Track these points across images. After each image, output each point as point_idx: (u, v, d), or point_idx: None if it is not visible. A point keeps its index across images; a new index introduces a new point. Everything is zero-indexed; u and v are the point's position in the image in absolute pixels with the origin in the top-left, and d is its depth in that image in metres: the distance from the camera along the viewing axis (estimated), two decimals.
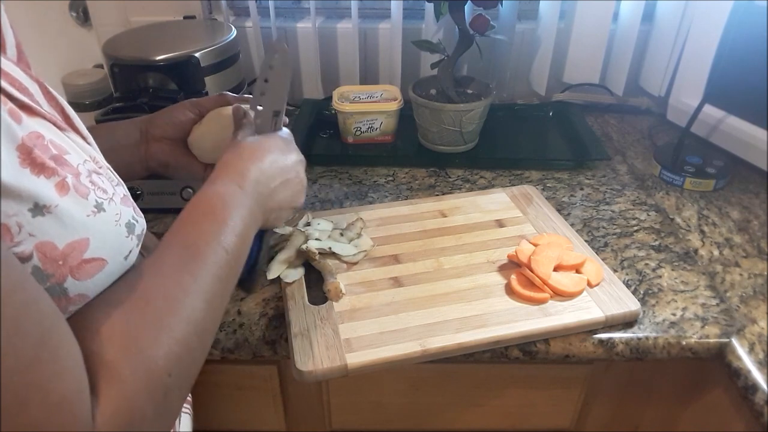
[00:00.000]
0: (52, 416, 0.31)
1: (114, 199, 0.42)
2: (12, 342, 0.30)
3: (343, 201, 0.89)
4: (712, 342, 0.64)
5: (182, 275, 0.43)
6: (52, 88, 0.43)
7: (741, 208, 0.87)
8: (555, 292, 0.67)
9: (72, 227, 0.38)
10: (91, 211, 0.39)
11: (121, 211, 0.42)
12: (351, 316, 0.65)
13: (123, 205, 0.43)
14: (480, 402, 0.76)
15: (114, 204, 0.42)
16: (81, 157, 0.41)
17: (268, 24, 1.12)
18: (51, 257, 0.36)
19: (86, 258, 0.38)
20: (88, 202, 0.39)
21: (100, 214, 0.40)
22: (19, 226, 0.34)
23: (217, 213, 0.48)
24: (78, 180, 0.39)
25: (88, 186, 0.40)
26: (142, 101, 0.80)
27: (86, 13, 1.14)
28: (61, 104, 0.44)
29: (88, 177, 0.40)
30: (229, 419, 0.78)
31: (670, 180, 0.93)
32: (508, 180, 0.94)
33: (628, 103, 1.16)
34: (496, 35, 0.98)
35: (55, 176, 0.37)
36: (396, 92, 1.02)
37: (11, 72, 0.39)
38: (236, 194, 0.50)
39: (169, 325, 0.40)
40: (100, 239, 0.39)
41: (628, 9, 1.09)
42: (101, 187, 0.41)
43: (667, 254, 0.77)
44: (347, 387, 0.74)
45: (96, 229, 0.39)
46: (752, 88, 0.88)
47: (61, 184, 0.38)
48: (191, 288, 0.42)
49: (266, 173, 0.54)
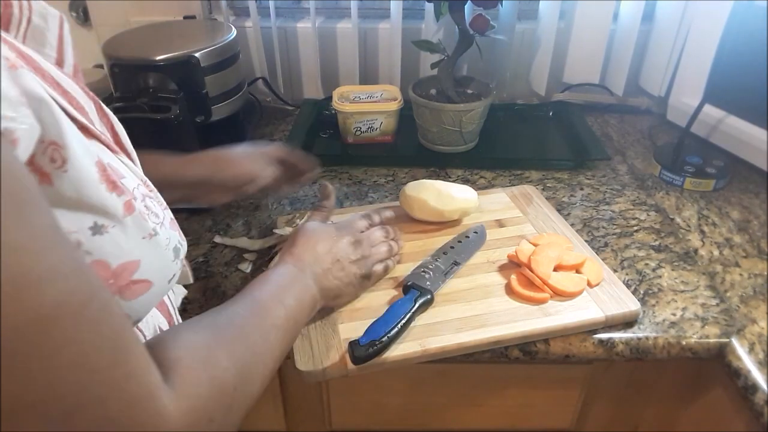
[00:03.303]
0: (129, 412, 0.33)
1: (164, 223, 0.43)
2: (94, 344, 0.31)
3: (343, 201, 0.89)
4: (712, 342, 0.64)
5: (250, 317, 0.49)
6: (106, 107, 0.44)
7: (741, 208, 0.87)
8: (555, 292, 0.66)
9: (128, 248, 0.39)
10: (148, 234, 0.41)
11: (170, 236, 0.44)
12: (351, 316, 0.65)
13: (171, 229, 0.44)
14: (480, 402, 0.76)
15: (164, 228, 0.43)
16: (135, 181, 0.42)
17: (268, 24, 1.12)
18: (103, 276, 0.37)
19: (134, 279, 0.40)
20: (147, 224, 0.40)
21: (155, 238, 0.41)
22: (78, 243, 0.36)
23: (279, 282, 0.56)
24: (136, 202, 0.40)
25: (144, 210, 0.41)
26: (142, 101, 0.80)
27: (86, 13, 1.14)
28: (112, 122, 0.44)
29: (142, 201, 0.41)
30: None
31: (670, 180, 0.93)
32: (508, 180, 0.94)
33: (628, 103, 1.16)
34: (496, 35, 0.98)
35: (124, 195, 0.39)
36: (396, 92, 1.02)
37: (70, 89, 0.39)
38: (294, 272, 0.59)
39: (238, 351, 0.44)
40: (150, 262, 0.41)
41: (628, 9, 1.09)
42: (153, 211, 0.42)
43: (667, 254, 0.77)
44: (347, 387, 0.74)
45: (147, 252, 0.41)
46: (752, 88, 0.88)
47: (128, 204, 0.39)
48: (256, 327, 0.49)
49: (319, 257, 0.62)
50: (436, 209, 0.76)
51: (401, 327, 0.60)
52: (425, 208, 0.77)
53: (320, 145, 1.03)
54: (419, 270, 0.69)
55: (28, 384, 0.29)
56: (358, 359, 0.57)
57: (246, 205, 0.88)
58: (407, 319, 0.61)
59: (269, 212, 0.87)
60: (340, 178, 0.95)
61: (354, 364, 0.58)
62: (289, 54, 1.17)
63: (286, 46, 1.16)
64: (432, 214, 0.77)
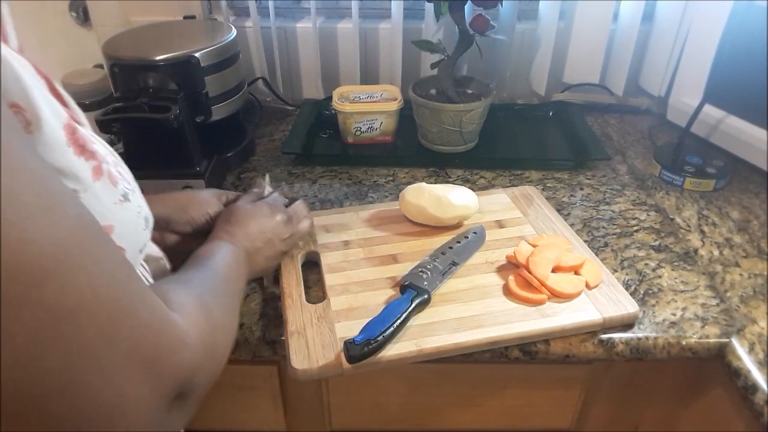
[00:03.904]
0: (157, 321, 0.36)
1: (136, 191, 0.44)
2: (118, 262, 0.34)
3: (343, 201, 0.89)
4: (712, 342, 0.64)
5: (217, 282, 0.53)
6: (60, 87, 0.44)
7: (741, 208, 0.87)
8: (553, 294, 0.66)
9: (100, 212, 0.39)
10: (119, 199, 0.41)
11: (141, 204, 0.44)
12: (348, 315, 0.65)
13: (141, 199, 0.45)
14: (480, 402, 0.76)
15: (136, 196, 0.44)
16: (106, 149, 0.42)
17: (268, 24, 1.12)
18: None
19: None
20: (117, 189, 0.41)
21: (126, 204, 0.42)
22: None
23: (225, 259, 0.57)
24: (108, 167, 0.40)
25: (116, 175, 0.41)
26: (142, 101, 0.80)
27: (86, 13, 1.14)
28: (67, 103, 0.44)
29: (115, 168, 0.42)
30: (229, 419, 0.78)
31: (670, 180, 0.93)
32: (508, 180, 0.94)
33: (628, 103, 1.16)
34: (496, 35, 0.98)
35: (93, 160, 0.39)
36: (396, 92, 1.02)
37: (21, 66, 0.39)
38: (231, 248, 0.60)
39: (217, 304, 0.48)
40: (123, 227, 0.41)
41: (628, 9, 1.08)
42: (126, 178, 0.43)
43: (667, 254, 0.77)
44: (347, 387, 0.74)
45: (120, 218, 0.41)
46: (752, 88, 0.88)
47: (97, 169, 0.39)
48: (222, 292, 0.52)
49: (251, 236, 0.63)
50: (435, 216, 0.77)
51: (397, 326, 0.60)
52: (424, 214, 0.77)
53: (320, 145, 1.03)
54: (417, 270, 0.69)
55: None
56: (353, 358, 0.57)
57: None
58: (403, 318, 0.61)
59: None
60: (340, 178, 0.95)
61: (349, 363, 0.58)
62: (289, 54, 1.17)
63: (286, 46, 1.16)
64: (431, 220, 0.78)
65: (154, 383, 0.34)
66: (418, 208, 0.77)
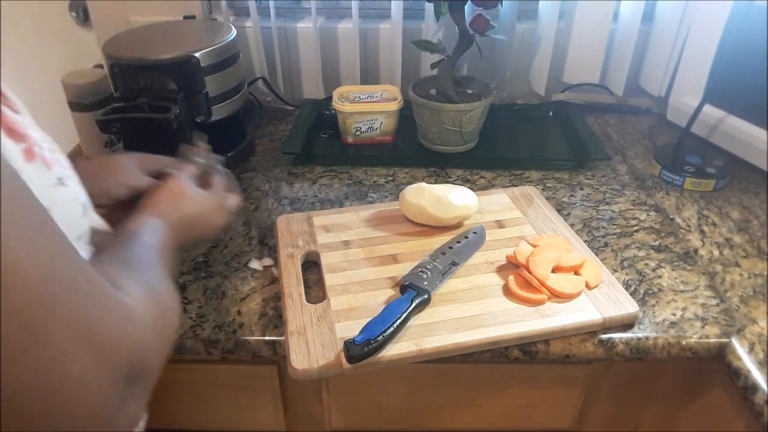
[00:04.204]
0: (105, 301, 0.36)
1: (73, 177, 0.43)
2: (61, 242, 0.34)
3: (343, 201, 0.89)
4: (712, 342, 0.64)
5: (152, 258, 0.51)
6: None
7: (741, 208, 0.87)
8: (553, 294, 0.66)
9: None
10: (54, 183, 0.40)
11: (78, 191, 0.44)
12: (348, 315, 0.65)
13: (78, 186, 0.44)
14: (480, 402, 0.76)
15: (73, 181, 0.43)
16: (41, 134, 0.41)
17: (268, 24, 1.12)
18: None
19: None
20: (51, 173, 0.40)
21: (62, 188, 0.41)
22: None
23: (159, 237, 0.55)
24: (42, 151, 0.40)
25: (50, 159, 0.40)
26: (142, 101, 0.80)
27: (86, 13, 1.14)
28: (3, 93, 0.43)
29: (50, 152, 0.41)
30: (229, 419, 0.78)
31: (670, 180, 0.93)
32: (508, 180, 0.94)
33: (628, 103, 1.16)
34: (496, 35, 0.98)
35: (23, 143, 0.38)
36: (396, 92, 1.02)
37: None
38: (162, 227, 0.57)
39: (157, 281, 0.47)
40: (60, 213, 0.40)
41: (628, 9, 1.08)
42: (61, 163, 0.42)
43: (667, 254, 0.77)
44: (347, 387, 0.74)
45: (57, 202, 0.40)
46: (752, 88, 0.88)
47: (28, 151, 0.38)
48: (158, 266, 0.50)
49: (185, 220, 0.60)
50: (435, 216, 0.77)
51: (397, 326, 0.60)
52: (424, 214, 0.77)
53: (320, 145, 1.03)
54: (417, 270, 0.69)
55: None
56: (352, 358, 0.57)
57: (246, 205, 0.88)
58: (403, 318, 0.61)
59: (269, 212, 0.87)
60: (340, 178, 0.95)
61: (349, 363, 0.58)
62: (290, 54, 1.17)
63: (287, 46, 1.16)
64: (431, 220, 0.78)
65: (100, 362, 0.33)
66: (418, 208, 0.77)
